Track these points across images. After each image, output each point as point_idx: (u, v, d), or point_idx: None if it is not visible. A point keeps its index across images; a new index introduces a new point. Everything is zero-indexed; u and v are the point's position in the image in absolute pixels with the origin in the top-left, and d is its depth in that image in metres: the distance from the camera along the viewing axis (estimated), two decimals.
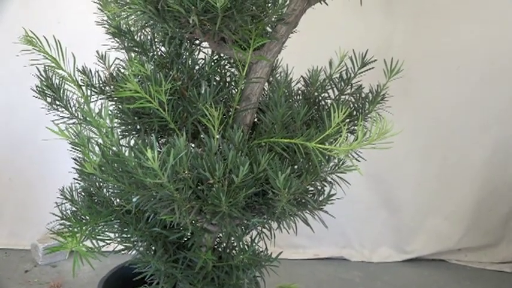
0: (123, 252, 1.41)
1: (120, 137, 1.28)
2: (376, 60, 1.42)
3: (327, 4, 1.35)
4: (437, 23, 2.29)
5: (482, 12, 2.27)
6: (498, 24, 2.28)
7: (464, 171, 2.49)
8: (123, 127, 1.32)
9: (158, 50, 1.36)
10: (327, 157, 1.20)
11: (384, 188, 2.53)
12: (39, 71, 1.29)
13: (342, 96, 1.45)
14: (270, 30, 1.31)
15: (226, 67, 1.41)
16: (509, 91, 2.37)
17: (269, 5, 1.27)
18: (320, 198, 1.29)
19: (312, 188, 1.30)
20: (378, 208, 2.57)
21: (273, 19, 1.28)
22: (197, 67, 1.35)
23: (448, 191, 2.53)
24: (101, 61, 1.39)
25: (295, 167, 1.27)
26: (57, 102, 1.33)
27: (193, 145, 1.33)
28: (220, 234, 1.44)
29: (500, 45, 2.30)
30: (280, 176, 1.10)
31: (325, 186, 1.32)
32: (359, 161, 1.28)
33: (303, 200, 1.26)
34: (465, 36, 2.29)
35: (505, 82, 2.35)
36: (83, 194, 1.38)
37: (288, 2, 1.29)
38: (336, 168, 1.28)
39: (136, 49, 1.36)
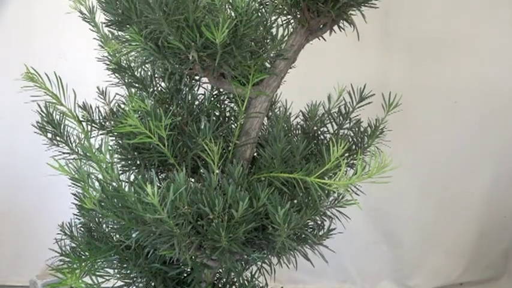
0: None
1: (120, 172, 1.28)
2: (374, 94, 1.44)
3: (324, 40, 1.37)
4: (434, 58, 2.31)
5: (478, 48, 2.29)
6: (495, 62, 2.30)
7: (463, 205, 2.49)
8: (123, 162, 1.32)
9: (158, 85, 1.37)
10: (326, 191, 1.20)
11: (384, 222, 2.52)
12: (40, 107, 1.30)
13: (340, 131, 1.46)
14: (268, 65, 1.32)
15: (226, 102, 1.42)
16: (508, 124, 2.38)
17: (268, 40, 1.28)
18: (320, 233, 1.28)
19: (312, 223, 1.30)
20: (378, 242, 2.56)
21: (271, 55, 1.30)
22: (197, 102, 1.36)
23: (448, 225, 2.52)
24: (101, 97, 1.40)
25: (295, 201, 1.27)
26: (58, 138, 1.33)
27: (192, 180, 1.33)
28: (220, 270, 1.43)
29: (497, 82, 2.32)
30: (280, 211, 1.10)
31: (325, 220, 1.31)
32: (358, 195, 1.28)
33: (303, 235, 1.26)
34: (463, 72, 2.31)
35: (503, 116, 2.36)
36: (82, 229, 1.38)
37: (286, 37, 1.31)
38: (336, 202, 1.28)
39: (137, 85, 1.37)
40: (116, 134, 1.33)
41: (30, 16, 2.31)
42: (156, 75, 1.36)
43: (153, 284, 1.39)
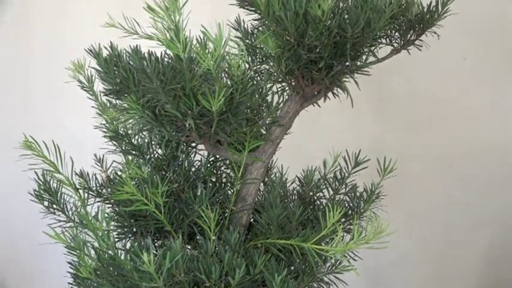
0: None
1: (116, 239, 1.27)
2: (369, 159, 1.45)
3: (319, 106, 1.39)
4: (429, 122, 2.34)
5: (473, 112, 2.32)
6: (490, 126, 2.32)
7: (461, 269, 2.46)
8: (119, 230, 1.32)
9: (155, 152, 1.38)
10: (323, 258, 1.19)
11: (382, 287, 2.49)
12: (37, 175, 1.31)
13: (336, 196, 1.47)
14: (264, 132, 1.34)
15: (222, 168, 1.43)
16: (504, 188, 2.38)
17: (263, 108, 1.31)
18: None
19: None
20: None
21: (267, 121, 1.32)
22: (193, 169, 1.37)
23: None
24: (99, 164, 1.41)
25: (292, 268, 1.26)
26: (54, 206, 1.33)
27: (189, 247, 1.33)
28: None
29: (492, 146, 2.33)
30: (277, 278, 1.09)
31: (322, 287, 1.30)
32: (356, 261, 1.27)
33: None
34: (458, 136, 2.33)
35: (499, 180, 2.37)
36: None
37: (281, 104, 1.33)
38: (333, 268, 1.27)
39: (134, 152, 1.38)
40: (112, 201, 1.33)
41: (29, 85, 2.35)
42: (153, 143, 1.38)
43: None
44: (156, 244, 1.34)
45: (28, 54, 2.34)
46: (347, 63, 1.28)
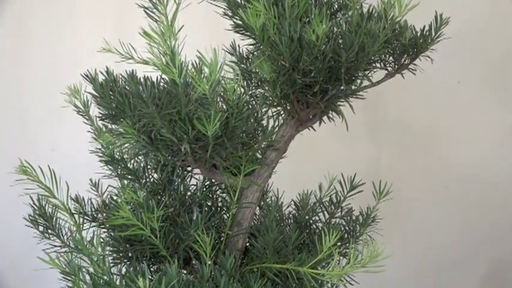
0: None
1: (112, 264, 1.27)
2: (364, 183, 1.45)
3: (314, 130, 1.39)
4: (423, 145, 2.34)
5: (468, 135, 2.33)
6: (485, 149, 2.33)
7: None
8: (115, 255, 1.31)
9: (151, 177, 1.38)
10: (319, 282, 1.19)
11: None
12: (33, 200, 1.31)
13: (332, 220, 1.46)
14: (260, 156, 1.34)
15: (218, 192, 1.42)
16: (501, 209, 2.38)
17: (259, 132, 1.31)
18: None
19: None
20: None
21: (262, 145, 1.32)
22: (189, 193, 1.37)
23: None
24: (94, 189, 1.41)
25: None
26: (49, 231, 1.33)
27: (185, 272, 1.32)
28: None
29: (488, 168, 2.34)
30: None
31: None
32: (352, 285, 1.27)
33: None
34: (453, 158, 2.34)
35: (495, 201, 2.37)
36: None
37: (276, 129, 1.34)
38: None
39: (129, 176, 1.38)
40: (107, 226, 1.32)
41: (25, 109, 2.35)
42: (148, 167, 1.38)
43: None
44: (152, 269, 1.34)
45: (24, 79, 2.34)
46: (342, 88, 1.29)
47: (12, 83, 2.35)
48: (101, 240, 1.15)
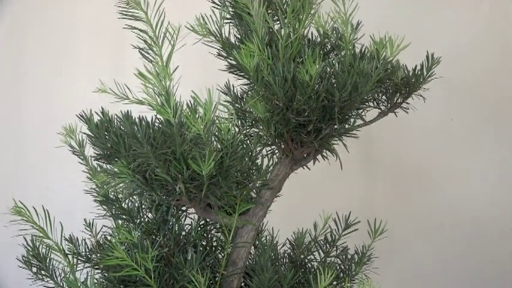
0: None
1: None
2: (359, 221, 1.45)
3: (309, 169, 1.40)
4: (418, 184, 2.35)
5: (461, 174, 2.34)
6: (479, 187, 2.33)
7: None
8: None
9: (145, 216, 1.38)
10: None
11: None
12: (26, 241, 1.30)
13: (328, 259, 1.46)
14: (254, 195, 1.35)
15: (213, 232, 1.42)
16: (496, 248, 2.37)
17: (253, 171, 1.31)
18: None
19: None
20: None
21: (257, 185, 1.32)
22: (184, 233, 1.37)
23: None
24: (88, 229, 1.41)
25: None
26: (43, 272, 1.32)
27: None
28: None
29: (482, 209, 2.34)
30: None
31: None
32: None
33: None
34: (447, 197, 2.34)
35: (490, 240, 2.36)
36: None
37: (271, 168, 1.34)
38: None
39: (124, 216, 1.37)
40: (102, 266, 1.31)
41: (19, 148, 2.35)
42: (143, 207, 1.37)
43: None
44: None
45: (19, 118, 2.35)
46: (335, 127, 1.30)
47: (8, 123, 2.35)
48: (95, 281, 1.14)
